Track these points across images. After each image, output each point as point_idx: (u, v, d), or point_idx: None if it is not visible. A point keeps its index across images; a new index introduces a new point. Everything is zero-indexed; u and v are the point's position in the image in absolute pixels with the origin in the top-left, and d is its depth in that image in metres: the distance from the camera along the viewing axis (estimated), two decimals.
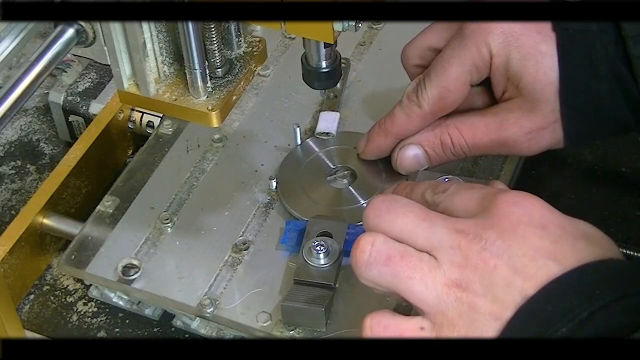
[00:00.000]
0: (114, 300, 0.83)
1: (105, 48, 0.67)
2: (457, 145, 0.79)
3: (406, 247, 0.64)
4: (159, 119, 0.92)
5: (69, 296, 0.85)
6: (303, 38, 0.70)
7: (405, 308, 0.70)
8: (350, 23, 0.64)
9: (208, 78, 0.68)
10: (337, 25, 0.65)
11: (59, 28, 0.68)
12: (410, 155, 0.81)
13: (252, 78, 0.71)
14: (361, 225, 0.80)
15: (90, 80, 0.96)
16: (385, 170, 0.84)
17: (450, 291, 0.62)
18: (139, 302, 0.82)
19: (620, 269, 0.62)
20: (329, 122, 0.87)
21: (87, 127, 0.92)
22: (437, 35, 0.79)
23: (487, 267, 0.62)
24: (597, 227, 0.67)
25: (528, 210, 0.63)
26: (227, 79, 0.70)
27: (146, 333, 0.82)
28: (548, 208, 0.64)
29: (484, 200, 0.65)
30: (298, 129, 0.86)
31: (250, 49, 0.71)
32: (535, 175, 0.89)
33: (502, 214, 0.63)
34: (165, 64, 0.69)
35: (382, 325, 0.65)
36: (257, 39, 0.72)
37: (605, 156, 0.90)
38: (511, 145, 0.78)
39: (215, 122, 0.69)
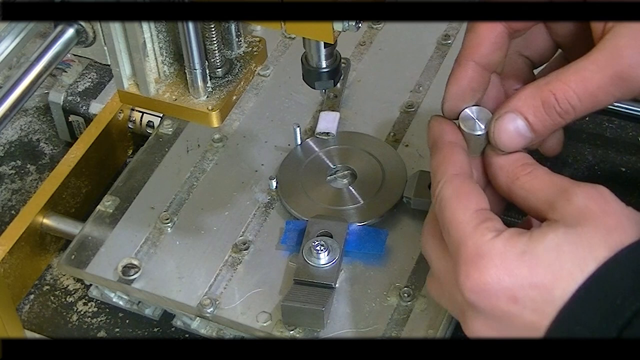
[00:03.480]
0: (114, 300, 0.83)
1: (105, 48, 0.67)
2: (563, 99, 0.66)
3: (447, 306, 0.69)
4: (159, 119, 0.92)
5: (69, 296, 0.85)
6: (303, 38, 0.70)
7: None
8: (350, 23, 0.64)
9: (208, 78, 0.68)
10: (337, 25, 0.65)
11: (59, 28, 0.68)
12: (510, 127, 0.68)
13: (252, 78, 0.71)
14: (362, 225, 0.80)
15: (90, 80, 0.96)
16: (386, 170, 0.84)
17: None
18: (139, 302, 0.82)
19: (597, 295, 0.61)
20: (329, 122, 0.87)
21: (87, 127, 0.92)
22: None
23: None
24: None
25: (492, 294, 0.63)
26: (227, 79, 0.70)
27: (146, 333, 0.82)
28: (505, 272, 0.63)
29: (453, 261, 0.65)
30: (298, 129, 0.86)
31: (250, 49, 0.71)
32: None
33: (474, 306, 0.64)
34: (165, 64, 0.69)
35: None
36: (257, 39, 0.72)
37: (605, 156, 0.90)
38: (629, 76, 0.65)
39: (215, 122, 0.69)
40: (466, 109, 0.70)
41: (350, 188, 0.84)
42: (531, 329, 0.62)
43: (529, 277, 0.62)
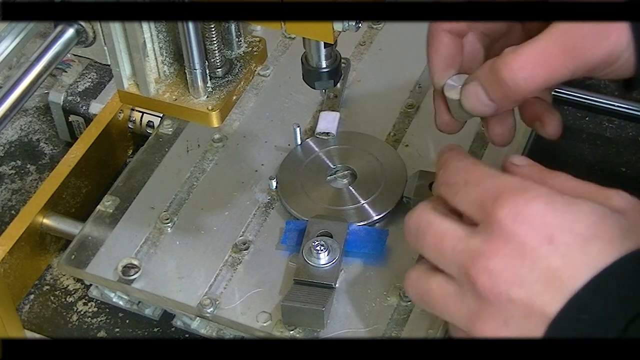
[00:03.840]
0: (114, 300, 0.83)
1: (105, 48, 0.67)
2: (517, 69, 0.67)
3: (431, 285, 0.66)
4: (159, 119, 0.92)
5: (69, 296, 0.85)
6: (303, 38, 0.70)
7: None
8: (350, 23, 0.64)
9: (208, 78, 0.68)
10: (337, 25, 0.65)
11: (59, 28, 0.68)
12: (472, 95, 0.71)
13: (252, 78, 0.71)
14: (362, 225, 0.80)
15: (90, 80, 0.96)
16: (386, 170, 0.84)
17: (474, 325, 0.63)
18: (139, 302, 0.82)
19: (637, 264, 0.61)
20: (329, 122, 0.87)
21: (87, 127, 0.92)
22: None
23: (502, 300, 0.62)
24: None
25: (531, 225, 0.62)
26: (227, 79, 0.70)
27: (146, 333, 0.82)
28: (552, 210, 0.62)
29: (483, 207, 0.64)
30: (298, 129, 0.86)
31: (250, 49, 0.71)
32: None
33: (504, 234, 0.62)
34: (165, 64, 0.69)
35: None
36: (257, 39, 0.72)
37: (605, 156, 0.90)
38: (582, 47, 0.67)
39: (215, 122, 0.69)
40: (449, 80, 0.73)
41: (350, 188, 0.84)
42: (550, 279, 0.61)
43: (572, 224, 0.61)
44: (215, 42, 0.68)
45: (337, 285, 0.77)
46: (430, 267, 0.67)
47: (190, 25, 0.65)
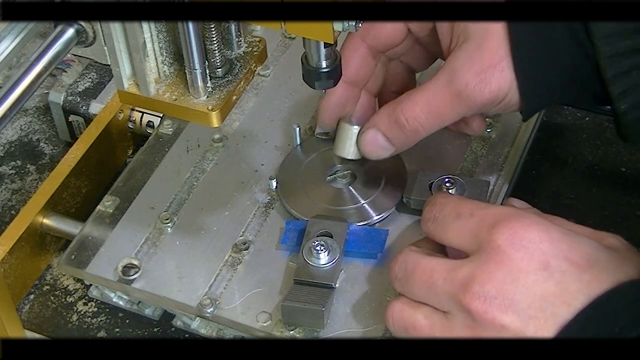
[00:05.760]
0: (114, 300, 0.83)
1: (105, 48, 0.67)
2: (411, 118, 0.74)
3: (417, 317, 0.67)
4: (159, 119, 0.92)
5: (69, 296, 0.85)
6: (303, 38, 0.70)
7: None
8: (350, 23, 0.64)
9: (208, 78, 0.68)
10: (337, 25, 0.65)
11: (59, 28, 0.68)
12: (369, 138, 0.77)
13: (252, 78, 0.71)
14: (362, 225, 0.80)
15: (90, 80, 0.96)
16: (386, 170, 0.84)
17: None
18: (139, 302, 0.82)
19: (632, 293, 0.61)
20: None
21: (87, 127, 0.92)
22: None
23: (495, 326, 0.62)
24: (598, 228, 0.67)
25: (526, 252, 0.63)
26: (227, 79, 0.70)
27: (146, 333, 0.82)
28: (548, 238, 0.63)
29: (477, 236, 0.65)
30: (298, 129, 0.86)
31: (250, 49, 0.71)
32: (535, 175, 0.89)
33: (499, 259, 0.63)
34: (165, 64, 0.69)
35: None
36: (257, 39, 0.72)
37: (605, 156, 0.90)
38: (466, 94, 0.72)
39: (215, 122, 0.69)
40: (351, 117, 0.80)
41: (350, 188, 0.84)
42: (543, 305, 0.61)
43: (567, 252, 0.62)
44: (215, 42, 0.68)
45: (337, 285, 0.77)
46: (415, 301, 0.68)
47: (190, 25, 0.65)
